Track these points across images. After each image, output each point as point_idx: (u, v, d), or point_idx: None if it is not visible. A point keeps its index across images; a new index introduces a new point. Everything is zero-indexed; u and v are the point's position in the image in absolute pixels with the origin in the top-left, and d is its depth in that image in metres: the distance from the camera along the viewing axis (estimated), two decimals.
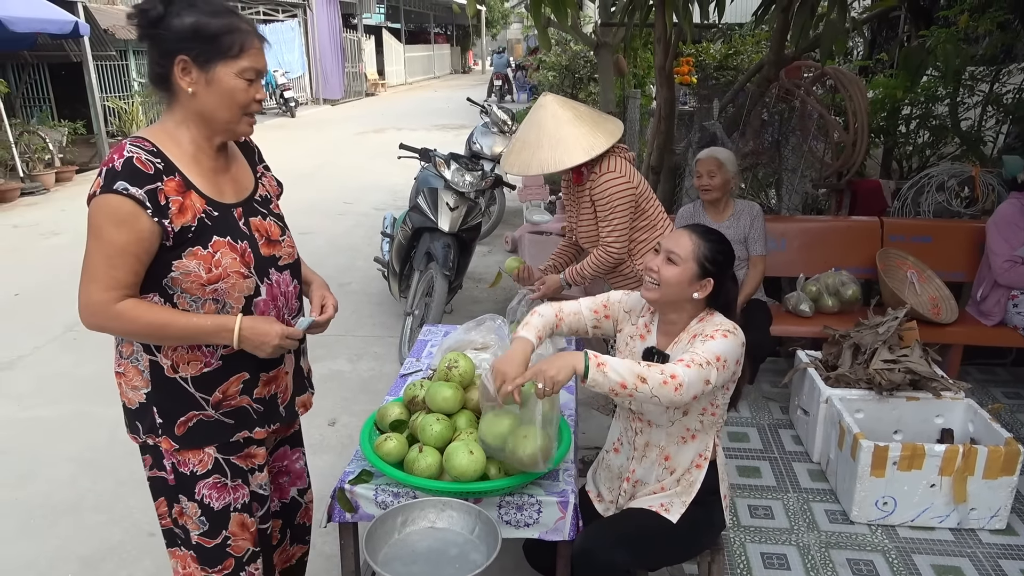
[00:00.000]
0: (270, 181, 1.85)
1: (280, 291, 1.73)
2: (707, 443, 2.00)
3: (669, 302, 1.96)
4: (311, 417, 3.73)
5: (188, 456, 1.70)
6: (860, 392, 3.14)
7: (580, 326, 2.14)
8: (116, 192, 1.48)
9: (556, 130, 2.83)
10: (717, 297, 1.95)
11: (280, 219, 1.79)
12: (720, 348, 1.82)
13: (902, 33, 7.39)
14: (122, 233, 1.49)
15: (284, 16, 19.76)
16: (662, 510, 1.99)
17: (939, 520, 2.80)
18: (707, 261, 1.90)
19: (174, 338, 1.60)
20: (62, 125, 10.46)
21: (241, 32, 1.57)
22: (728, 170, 3.55)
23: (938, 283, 3.94)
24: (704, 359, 1.78)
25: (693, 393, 1.76)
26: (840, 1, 3.59)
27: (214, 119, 1.59)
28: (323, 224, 7.65)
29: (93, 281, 1.52)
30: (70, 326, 4.87)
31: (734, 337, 1.86)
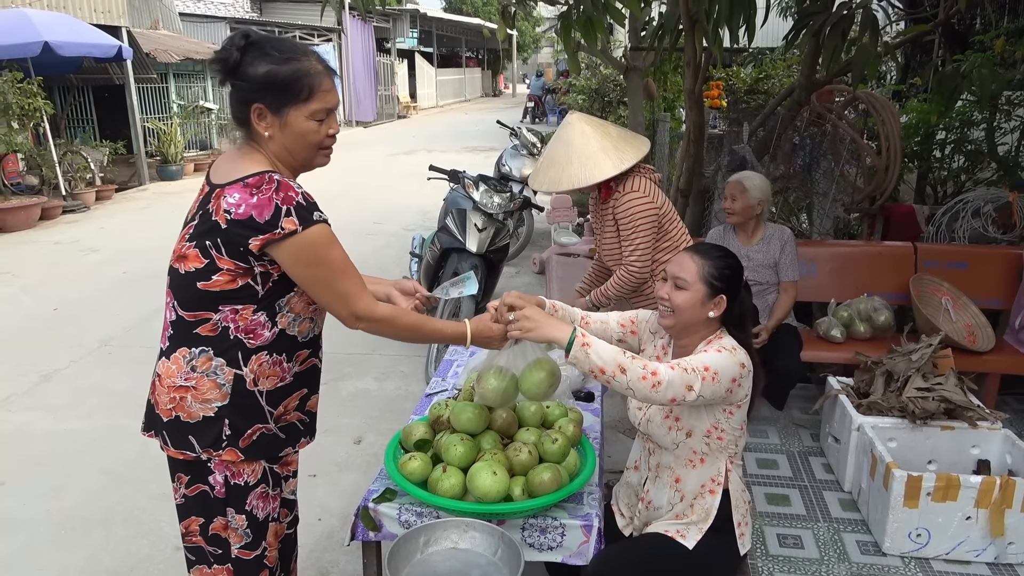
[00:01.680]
0: None
1: None
2: (718, 468, 1.96)
3: (685, 326, 1.95)
4: (337, 435, 3.77)
5: (243, 467, 1.74)
6: (893, 420, 3.07)
7: (607, 335, 2.14)
8: (323, 222, 1.64)
9: (584, 146, 2.85)
10: (731, 311, 1.94)
11: None
12: (711, 360, 1.80)
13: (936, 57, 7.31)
14: (340, 251, 1.68)
15: (320, 40, 20.17)
16: (678, 536, 1.95)
17: (975, 554, 2.72)
18: (714, 279, 1.89)
19: (426, 338, 1.90)
20: (104, 145, 10.76)
21: (310, 75, 1.62)
22: (752, 196, 3.52)
23: (974, 310, 3.86)
24: (691, 366, 1.78)
25: (671, 395, 1.74)
26: (872, 25, 3.57)
27: (292, 158, 1.69)
28: (353, 244, 7.66)
29: (353, 294, 1.70)
30: (106, 340, 4.98)
31: (730, 354, 1.83)
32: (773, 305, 3.60)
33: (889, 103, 4.65)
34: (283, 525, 1.89)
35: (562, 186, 2.88)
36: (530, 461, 2.00)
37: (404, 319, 1.80)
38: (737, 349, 1.87)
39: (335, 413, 4.03)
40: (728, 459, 1.97)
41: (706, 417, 1.91)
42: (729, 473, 1.97)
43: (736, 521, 1.98)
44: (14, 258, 7.26)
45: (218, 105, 14.14)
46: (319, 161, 1.74)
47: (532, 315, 1.81)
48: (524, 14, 28.15)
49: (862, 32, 3.69)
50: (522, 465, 1.99)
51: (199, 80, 13.79)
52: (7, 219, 8.38)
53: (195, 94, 13.69)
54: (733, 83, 7.01)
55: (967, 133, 5.44)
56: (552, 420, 2.21)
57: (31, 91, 8.74)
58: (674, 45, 4.58)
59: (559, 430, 2.12)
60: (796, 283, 3.60)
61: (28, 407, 4.12)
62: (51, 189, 9.46)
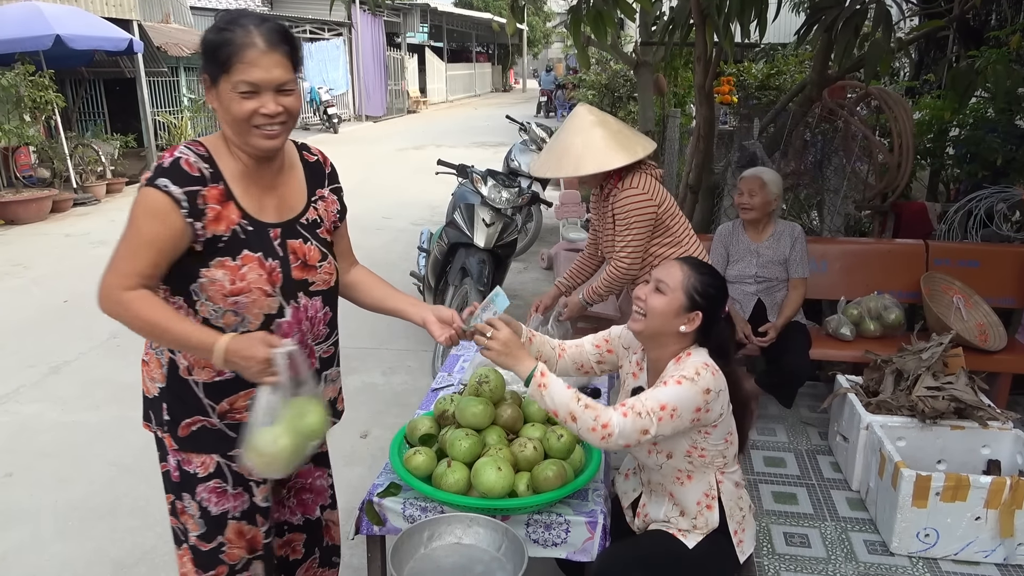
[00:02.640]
0: (329, 205, 1.81)
1: (307, 315, 1.71)
2: (709, 482, 1.92)
3: (653, 336, 1.90)
4: (343, 429, 3.75)
5: (191, 456, 1.73)
6: (902, 419, 3.05)
7: (583, 359, 2.12)
8: (156, 187, 1.53)
9: (592, 136, 2.81)
10: (707, 335, 1.88)
11: (325, 245, 1.77)
12: (668, 396, 1.73)
13: (950, 53, 7.24)
14: (152, 226, 1.53)
15: (329, 34, 20.19)
16: (679, 534, 1.95)
17: (984, 555, 2.69)
18: (696, 293, 1.84)
19: (166, 341, 1.62)
20: (114, 138, 10.81)
21: (233, 45, 1.50)
22: (770, 191, 3.50)
23: (986, 309, 3.82)
24: (646, 408, 1.72)
25: (624, 443, 1.72)
26: (885, 20, 3.53)
27: (231, 133, 1.60)
28: (362, 238, 7.72)
29: (113, 265, 1.57)
30: (115, 333, 5.00)
31: (691, 384, 1.75)
32: (782, 302, 3.57)
33: (902, 99, 4.61)
34: (256, 529, 1.82)
35: (564, 172, 2.85)
36: (535, 457, 1.99)
37: (146, 310, 1.53)
38: (702, 372, 1.77)
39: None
40: (717, 471, 1.92)
41: (683, 440, 1.87)
42: (720, 485, 1.93)
43: (732, 530, 1.95)
44: (25, 250, 7.31)
45: None
46: (255, 142, 1.57)
47: (505, 341, 1.81)
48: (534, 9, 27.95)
49: (875, 27, 3.65)
50: (527, 461, 1.98)
51: None
52: (19, 211, 8.43)
53: None
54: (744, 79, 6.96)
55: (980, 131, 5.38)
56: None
57: (43, 84, 8.78)
58: (684, 40, 4.54)
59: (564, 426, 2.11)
60: (806, 280, 3.57)
61: (37, 399, 4.14)
62: (62, 182, 9.51)
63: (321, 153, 1.84)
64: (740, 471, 2.03)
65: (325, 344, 1.80)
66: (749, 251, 3.60)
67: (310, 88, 19.03)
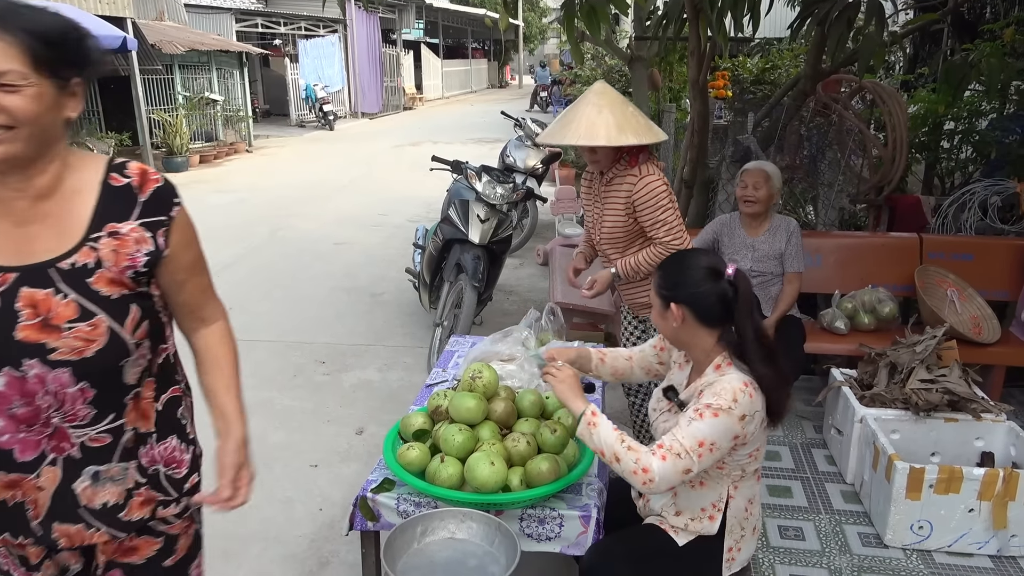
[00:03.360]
0: (127, 245, 1.31)
1: (43, 389, 1.26)
2: (719, 494, 1.88)
3: (675, 343, 1.96)
4: (339, 425, 3.78)
5: None
6: (896, 412, 3.06)
7: (647, 364, 2.18)
8: None
9: (613, 110, 2.68)
10: (703, 313, 1.81)
11: (100, 301, 1.27)
12: (706, 432, 1.71)
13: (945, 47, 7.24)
14: None
15: (325, 31, 20.14)
16: (671, 531, 1.93)
17: (978, 546, 2.70)
18: (662, 289, 1.87)
19: None
20: (109, 137, 10.79)
21: None
22: (773, 185, 3.51)
23: (980, 302, 3.83)
24: (684, 448, 1.70)
25: (668, 485, 1.73)
26: (878, 13, 3.53)
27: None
28: (358, 236, 7.74)
29: None
30: None
31: (726, 415, 1.71)
32: (777, 297, 3.58)
33: (896, 93, 4.61)
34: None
35: (568, 139, 2.68)
36: (528, 451, 2.00)
37: None
38: (739, 399, 1.72)
39: (337, 403, 4.04)
40: (731, 484, 1.88)
41: None
42: (731, 500, 1.88)
43: (727, 546, 1.91)
44: None
45: (224, 97, 14.14)
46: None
47: (564, 377, 1.90)
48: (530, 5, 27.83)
49: (867, 21, 3.65)
50: (520, 455, 1.99)
51: (204, 71, 13.78)
52: None
53: (200, 85, 13.69)
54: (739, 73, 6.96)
55: (975, 124, 5.39)
56: (551, 411, 2.20)
57: None
58: (678, 35, 4.54)
59: (558, 420, 2.12)
60: (801, 274, 3.58)
61: None
62: None
63: (145, 174, 1.36)
64: (757, 488, 1.96)
65: (90, 430, 1.32)
66: (744, 245, 3.60)
67: (306, 85, 19.00)
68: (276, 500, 3.14)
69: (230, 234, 7.83)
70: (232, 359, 1.55)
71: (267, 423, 3.80)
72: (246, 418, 1.49)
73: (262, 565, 2.75)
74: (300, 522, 2.99)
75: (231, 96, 14.60)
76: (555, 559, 2.09)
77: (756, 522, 1.99)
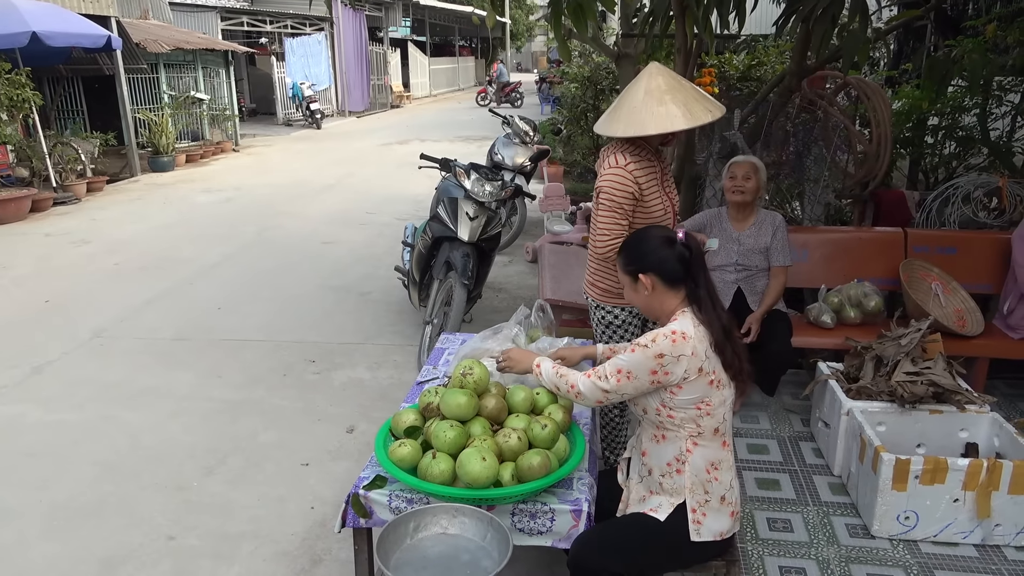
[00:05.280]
0: None
1: None
2: (679, 448, 1.97)
3: (649, 313, 2.10)
4: (330, 424, 3.78)
5: None
6: (882, 404, 3.09)
7: None
8: None
9: (673, 88, 2.54)
10: (668, 275, 2.00)
11: None
12: (624, 362, 1.94)
13: (928, 43, 7.31)
14: None
15: (311, 30, 20.05)
16: (651, 512, 1.99)
17: (963, 536, 2.74)
18: (627, 266, 2.07)
19: None
20: (94, 136, 10.68)
21: None
22: (761, 178, 3.56)
23: (964, 295, 3.88)
24: (605, 372, 1.97)
25: (594, 400, 2.01)
26: (862, 10, 3.56)
27: None
28: (346, 234, 7.72)
29: None
30: (97, 332, 4.96)
31: (643, 350, 1.91)
32: (763, 291, 3.61)
33: (880, 89, 4.65)
34: None
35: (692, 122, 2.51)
36: (519, 447, 2.01)
37: None
38: (659, 340, 1.90)
39: (328, 402, 4.04)
40: (689, 439, 1.96)
41: (651, 399, 1.97)
42: (689, 455, 1.96)
43: (691, 507, 1.96)
44: (5, 250, 7.22)
45: (209, 96, 14.05)
46: None
47: (513, 356, 2.25)
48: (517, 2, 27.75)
49: (852, 17, 3.68)
50: (511, 451, 2.00)
51: (190, 70, 13.69)
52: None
53: (186, 84, 13.60)
54: (725, 70, 6.99)
55: (958, 119, 5.45)
56: (542, 406, 2.22)
57: (20, 82, 8.66)
58: (665, 32, 4.56)
59: (548, 416, 2.13)
60: (787, 268, 3.61)
61: (19, 399, 4.10)
62: (41, 181, 9.39)
63: None
64: (727, 456, 2.01)
65: None
66: (730, 239, 3.63)
67: (292, 84, 18.90)
68: (267, 498, 3.14)
69: (217, 234, 7.79)
70: None
71: (258, 422, 3.79)
72: None
73: (254, 564, 2.75)
74: (292, 520, 3.00)
75: (217, 95, 14.50)
76: (547, 553, 2.11)
77: (726, 493, 2.00)
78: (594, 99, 9.47)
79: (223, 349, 4.77)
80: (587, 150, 9.41)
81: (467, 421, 2.09)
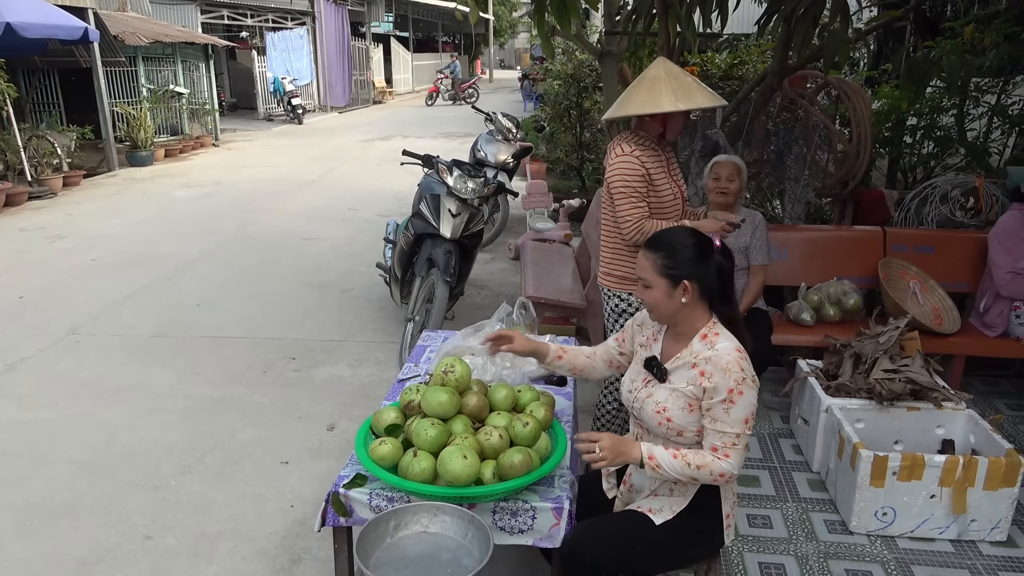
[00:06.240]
0: None
1: None
2: None
3: (669, 319, 1.98)
4: (310, 422, 3.75)
5: None
6: (860, 402, 3.12)
7: (610, 356, 2.22)
8: None
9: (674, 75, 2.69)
10: (706, 286, 1.91)
11: None
12: (745, 411, 1.84)
13: (908, 44, 7.38)
14: None
15: (293, 24, 19.87)
16: (650, 513, 1.98)
17: (939, 531, 2.78)
18: (669, 269, 1.90)
19: None
20: (71, 130, 10.51)
21: None
22: (743, 178, 3.57)
23: (941, 293, 3.92)
24: (735, 432, 1.83)
25: (740, 467, 1.87)
26: (843, 10, 3.59)
27: None
28: (327, 230, 7.67)
29: None
30: (73, 329, 4.89)
31: (748, 387, 1.83)
32: (743, 290, 3.63)
33: (860, 89, 4.69)
34: None
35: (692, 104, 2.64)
36: (501, 445, 2.00)
37: None
38: (745, 367, 1.84)
39: (308, 400, 4.01)
40: None
41: (700, 420, 1.90)
42: None
43: (725, 512, 2.00)
44: None
45: (189, 90, 13.89)
46: None
47: (607, 446, 1.87)
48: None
49: (833, 18, 3.71)
50: (493, 449, 1.99)
51: (169, 64, 13.52)
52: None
53: (165, 78, 13.42)
54: (707, 69, 7.02)
55: (937, 119, 5.51)
56: (523, 404, 2.21)
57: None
58: (648, 30, 4.57)
59: (530, 414, 2.13)
60: (766, 267, 3.64)
61: None
62: (16, 175, 9.23)
63: None
64: None
65: None
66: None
67: (273, 79, 18.73)
68: (247, 497, 3.11)
69: (196, 229, 7.71)
70: None
71: (237, 420, 3.76)
72: None
73: (233, 563, 2.72)
74: (271, 519, 2.97)
75: (197, 89, 14.34)
76: (528, 551, 2.11)
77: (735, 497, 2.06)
78: (577, 96, 9.46)
79: (202, 346, 4.72)
80: (570, 147, 9.41)
81: (448, 419, 2.08)
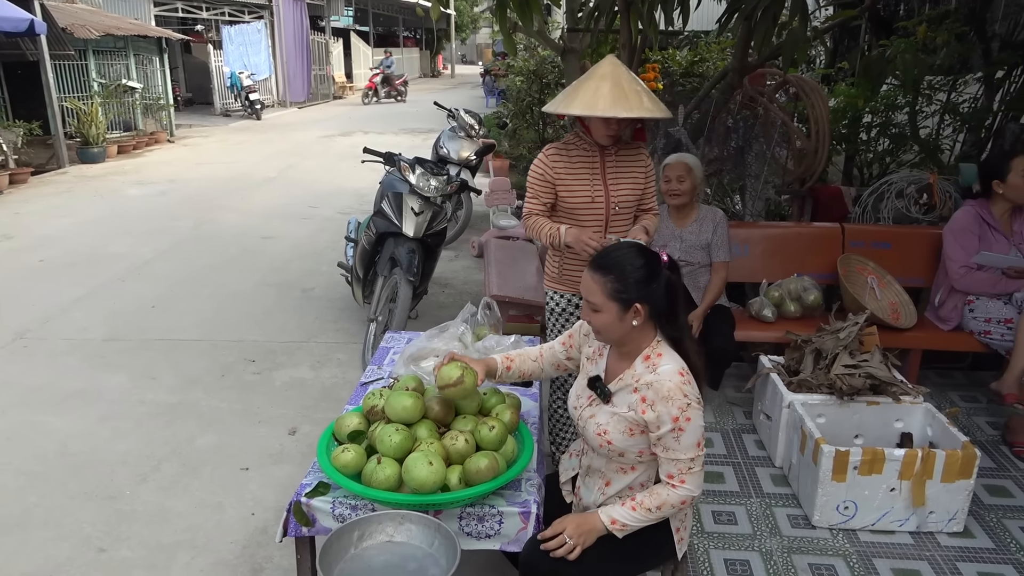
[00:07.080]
0: None
1: None
2: (649, 475, 1.94)
3: (618, 342, 1.92)
4: (271, 426, 3.67)
5: None
6: (822, 397, 3.16)
7: (556, 359, 2.19)
8: None
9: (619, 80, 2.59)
10: (656, 307, 1.84)
11: None
12: (695, 436, 1.82)
13: (863, 42, 7.53)
14: None
15: (250, 17, 19.50)
16: (609, 524, 1.92)
17: (899, 524, 2.82)
18: (620, 293, 1.81)
19: None
20: (17, 126, 10.17)
21: None
22: (696, 176, 3.57)
23: (897, 288, 4.00)
24: (688, 457, 1.83)
25: (701, 490, 1.89)
26: (802, 9, 3.63)
27: None
28: (287, 228, 7.53)
29: None
30: (20, 334, 4.71)
31: (693, 410, 1.80)
32: (705, 287, 3.65)
33: (818, 87, 4.75)
34: None
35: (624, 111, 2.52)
36: (467, 449, 1.97)
37: None
38: (688, 392, 1.80)
39: (268, 403, 3.92)
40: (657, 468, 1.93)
41: (641, 443, 1.88)
42: None
43: (674, 527, 1.98)
44: None
45: (142, 84, 13.53)
46: None
47: (574, 533, 1.86)
48: None
49: (792, 16, 3.74)
50: (459, 454, 1.96)
51: (121, 57, 13.15)
52: None
53: (117, 72, 13.06)
54: (669, 66, 7.06)
55: (892, 117, 5.63)
56: (489, 407, 2.18)
57: None
58: (610, 27, 4.57)
59: (496, 417, 2.10)
60: (727, 264, 3.66)
61: None
62: None
63: None
64: None
65: None
66: (673, 236, 3.66)
67: (230, 73, 18.36)
68: (205, 505, 3.03)
69: (151, 228, 7.51)
70: None
71: (194, 425, 3.66)
72: None
73: (191, 574, 2.64)
74: (231, 528, 2.89)
75: (151, 84, 13.98)
76: (495, 555, 2.08)
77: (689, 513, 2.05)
78: (539, 93, 9.46)
79: (157, 349, 4.59)
80: (532, 144, 9.40)
81: (413, 424, 2.04)
